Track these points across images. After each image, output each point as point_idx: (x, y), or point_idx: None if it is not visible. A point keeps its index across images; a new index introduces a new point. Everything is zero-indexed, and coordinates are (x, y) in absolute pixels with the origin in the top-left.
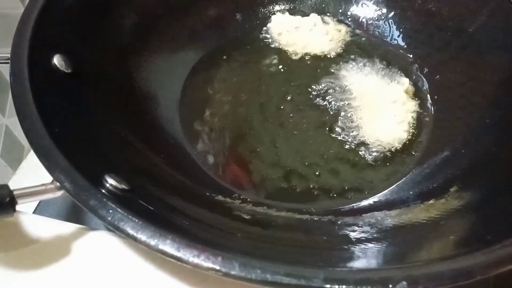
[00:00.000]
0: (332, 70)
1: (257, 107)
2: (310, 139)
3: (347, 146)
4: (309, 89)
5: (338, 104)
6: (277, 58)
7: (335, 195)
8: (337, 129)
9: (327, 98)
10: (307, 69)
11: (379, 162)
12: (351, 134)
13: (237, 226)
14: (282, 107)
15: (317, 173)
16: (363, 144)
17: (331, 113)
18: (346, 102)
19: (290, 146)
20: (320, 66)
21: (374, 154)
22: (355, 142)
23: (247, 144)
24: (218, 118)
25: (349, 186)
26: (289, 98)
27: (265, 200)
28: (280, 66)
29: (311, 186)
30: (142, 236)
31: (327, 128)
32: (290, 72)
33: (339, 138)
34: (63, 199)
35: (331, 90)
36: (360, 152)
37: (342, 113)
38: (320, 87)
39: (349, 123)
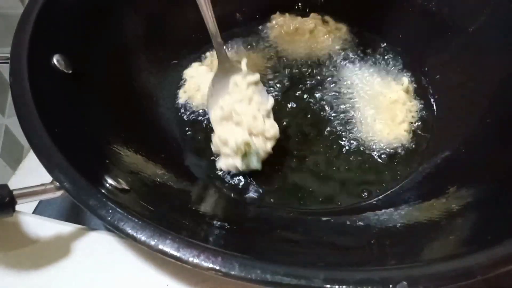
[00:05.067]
0: (332, 70)
1: None
2: (310, 140)
3: (347, 147)
4: (309, 90)
5: (338, 104)
6: (276, 59)
7: (335, 196)
8: (337, 130)
9: (327, 98)
10: (306, 70)
11: (379, 163)
12: (351, 134)
13: (237, 226)
14: (281, 107)
15: (317, 173)
16: (364, 144)
17: (331, 114)
18: (346, 103)
19: (290, 147)
20: (320, 66)
21: (375, 154)
22: (355, 142)
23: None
24: None
25: (349, 187)
26: (289, 99)
27: (266, 200)
28: (280, 67)
29: (312, 186)
30: (142, 236)
31: (327, 129)
32: (289, 73)
33: (339, 139)
34: (62, 199)
35: (331, 91)
36: (360, 153)
37: (342, 114)
38: (320, 87)
39: (349, 123)
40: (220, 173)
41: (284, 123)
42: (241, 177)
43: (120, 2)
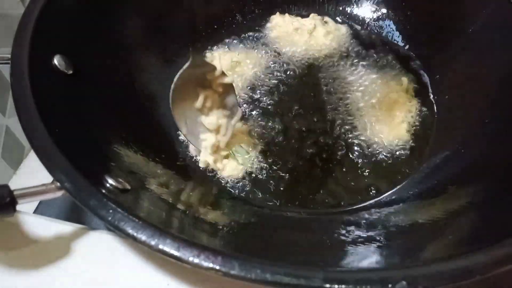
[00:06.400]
0: (332, 71)
1: (257, 110)
2: (310, 141)
3: (346, 147)
4: (309, 90)
5: (338, 105)
6: (276, 59)
7: (335, 196)
8: (337, 130)
9: (326, 99)
10: (306, 71)
11: (379, 163)
12: (350, 134)
13: (238, 226)
14: (281, 108)
15: (317, 174)
16: (363, 144)
17: (331, 114)
18: (346, 103)
19: (290, 148)
20: (320, 67)
21: (374, 154)
22: (354, 142)
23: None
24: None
25: (349, 187)
26: (289, 99)
27: (266, 200)
28: (279, 68)
29: (312, 187)
30: (142, 236)
31: (327, 129)
32: (289, 73)
33: (338, 139)
34: (63, 199)
35: (330, 91)
36: (359, 153)
37: (342, 114)
38: (320, 87)
39: (349, 123)
40: (220, 173)
41: (285, 124)
42: (242, 178)
43: (121, 2)
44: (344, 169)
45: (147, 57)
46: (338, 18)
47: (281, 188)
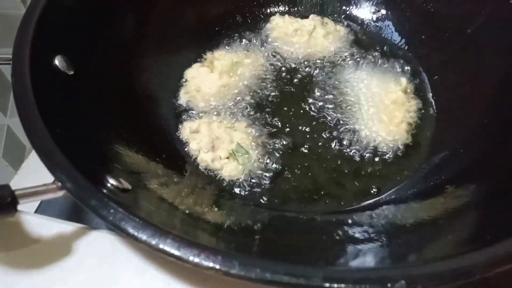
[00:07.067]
0: (332, 72)
1: (257, 111)
2: (311, 141)
3: (346, 148)
4: (309, 91)
5: (337, 105)
6: (276, 60)
7: (335, 196)
8: (337, 131)
9: (326, 99)
10: (306, 71)
11: (379, 163)
12: (351, 136)
13: (238, 226)
14: (281, 110)
15: (317, 174)
16: (362, 145)
17: (331, 115)
18: (345, 104)
19: (290, 149)
20: (319, 67)
21: (374, 155)
22: (354, 143)
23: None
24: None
25: (349, 187)
26: (288, 100)
27: (266, 200)
28: (279, 68)
29: (312, 187)
30: (143, 236)
31: (327, 130)
32: (288, 74)
33: (338, 140)
34: (64, 199)
35: (330, 92)
36: (359, 154)
37: (341, 115)
38: (319, 88)
39: (349, 125)
40: (220, 174)
41: (284, 124)
42: (242, 178)
43: (121, 3)
44: (344, 169)
45: (147, 57)
46: (338, 19)
47: (281, 188)
